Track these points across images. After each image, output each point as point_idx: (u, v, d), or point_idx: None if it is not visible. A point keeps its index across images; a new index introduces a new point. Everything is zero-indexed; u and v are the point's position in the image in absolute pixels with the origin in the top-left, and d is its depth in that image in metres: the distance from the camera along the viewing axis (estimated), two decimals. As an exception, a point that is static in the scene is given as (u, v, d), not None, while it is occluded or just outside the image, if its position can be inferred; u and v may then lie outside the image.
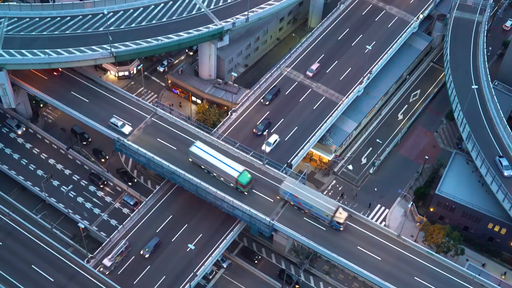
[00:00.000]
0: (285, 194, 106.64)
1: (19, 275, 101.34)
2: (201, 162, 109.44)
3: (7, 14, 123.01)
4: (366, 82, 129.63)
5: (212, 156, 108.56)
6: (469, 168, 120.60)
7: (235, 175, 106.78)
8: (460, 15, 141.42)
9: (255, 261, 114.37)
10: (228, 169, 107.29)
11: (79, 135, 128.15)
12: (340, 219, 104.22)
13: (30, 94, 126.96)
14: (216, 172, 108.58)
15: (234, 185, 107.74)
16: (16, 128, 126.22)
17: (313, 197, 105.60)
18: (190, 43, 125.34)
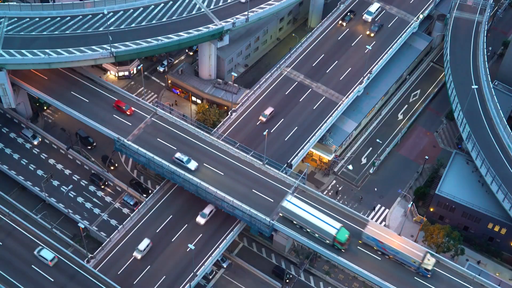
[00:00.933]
0: (368, 239, 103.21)
1: (19, 275, 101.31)
2: (294, 217, 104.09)
3: (7, 14, 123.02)
4: (366, 82, 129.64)
5: (306, 212, 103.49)
6: (469, 168, 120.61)
7: (333, 232, 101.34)
8: (460, 15, 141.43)
9: (286, 280, 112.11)
10: (324, 226, 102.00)
11: (83, 139, 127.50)
12: (429, 266, 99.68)
13: (33, 96, 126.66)
14: (311, 229, 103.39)
15: (330, 242, 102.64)
16: (32, 139, 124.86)
17: (399, 242, 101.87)
18: (190, 43, 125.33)
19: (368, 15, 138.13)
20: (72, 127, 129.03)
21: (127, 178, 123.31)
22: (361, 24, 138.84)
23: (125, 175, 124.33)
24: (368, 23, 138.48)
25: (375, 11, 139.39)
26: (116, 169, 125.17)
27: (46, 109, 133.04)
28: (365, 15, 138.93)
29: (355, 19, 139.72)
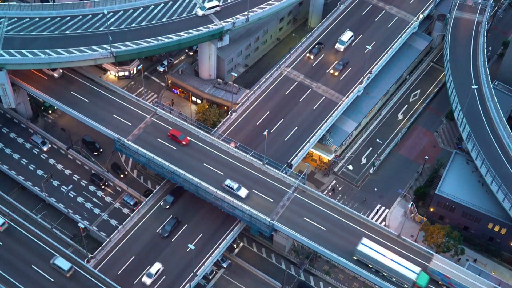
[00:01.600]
0: (434, 274, 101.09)
1: (19, 275, 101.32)
2: (370, 261, 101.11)
3: (7, 14, 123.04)
4: (366, 82, 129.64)
5: (383, 256, 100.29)
6: (469, 168, 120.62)
7: (413, 277, 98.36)
8: (460, 15, 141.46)
9: None
10: (403, 270, 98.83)
11: (89, 145, 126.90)
12: None
13: (38, 99, 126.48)
14: (388, 273, 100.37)
15: (409, 287, 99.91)
16: (41, 145, 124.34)
17: (467, 277, 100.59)
18: (190, 43, 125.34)
19: (341, 44, 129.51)
20: (77, 132, 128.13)
21: (141, 188, 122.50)
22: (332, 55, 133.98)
23: (137, 184, 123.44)
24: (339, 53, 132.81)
25: (347, 40, 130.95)
26: (126, 176, 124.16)
27: (51, 113, 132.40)
28: (337, 44, 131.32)
29: (325, 50, 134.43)
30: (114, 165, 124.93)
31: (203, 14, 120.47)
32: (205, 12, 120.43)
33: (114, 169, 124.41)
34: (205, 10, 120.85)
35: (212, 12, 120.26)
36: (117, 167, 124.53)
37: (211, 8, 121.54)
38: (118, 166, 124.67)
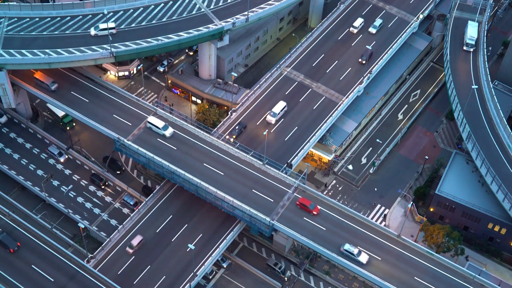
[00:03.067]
0: None
1: (19, 275, 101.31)
2: None
3: (7, 14, 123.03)
4: (366, 82, 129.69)
5: None
6: (469, 168, 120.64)
7: None
8: (460, 15, 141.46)
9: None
10: None
11: (111, 163, 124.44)
12: None
13: (58, 115, 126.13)
14: None
15: None
16: (58, 156, 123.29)
17: None
18: (190, 43, 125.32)
19: (273, 116, 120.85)
20: (98, 150, 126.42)
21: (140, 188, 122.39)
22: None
23: (137, 184, 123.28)
24: None
25: (279, 112, 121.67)
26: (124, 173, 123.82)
27: (69, 129, 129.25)
28: (269, 117, 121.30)
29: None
30: (146, 188, 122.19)
31: (95, 34, 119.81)
32: (97, 33, 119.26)
33: (145, 192, 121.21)
34: (98, 31, 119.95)
35: (105, 34, 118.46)
36: (148, 189, 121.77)
37: (104, 30, 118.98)
38: (150, 189, 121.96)
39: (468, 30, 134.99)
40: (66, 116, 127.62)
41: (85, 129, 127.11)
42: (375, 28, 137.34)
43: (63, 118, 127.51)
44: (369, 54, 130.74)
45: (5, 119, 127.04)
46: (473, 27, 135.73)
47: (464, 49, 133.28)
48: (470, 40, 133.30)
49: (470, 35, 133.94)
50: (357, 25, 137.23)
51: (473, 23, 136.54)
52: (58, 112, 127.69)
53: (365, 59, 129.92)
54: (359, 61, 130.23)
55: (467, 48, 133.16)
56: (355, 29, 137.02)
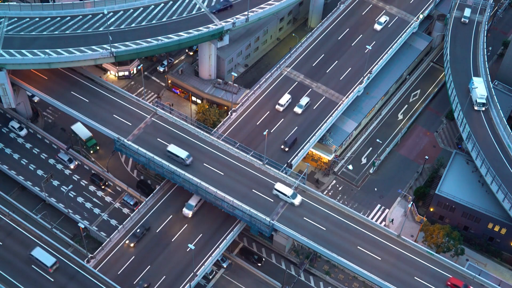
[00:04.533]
0: None
1: (19, 275, 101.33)
2: None
3: (7, 14, 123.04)
4: (366, 82, 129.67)
5: None
6: (469, 168, 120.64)
7: None
8: (460, 15, 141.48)
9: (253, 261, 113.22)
10: None
11: (145, 186, 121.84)
12: None
13: (82, 139, 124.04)
14: None
15: None
16: (68, 163, 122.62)
17: None
18: (190, 43, 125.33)
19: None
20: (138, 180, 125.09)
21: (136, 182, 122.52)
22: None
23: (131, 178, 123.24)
24: None
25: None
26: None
27: (92, 153, 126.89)
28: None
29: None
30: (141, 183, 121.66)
31: None
32: None
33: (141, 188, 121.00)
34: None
35: None
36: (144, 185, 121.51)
37: None
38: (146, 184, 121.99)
39: (476, 90, 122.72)
40: (90, 139, 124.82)
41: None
42: (380, 24, 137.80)
43: (87, 142, 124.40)
44: (292, 140, 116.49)
45: (25, 132, 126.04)
46: (480, 84, 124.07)
47: (476, 109, 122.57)
48: (480, 99, 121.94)
49: (480, 94, 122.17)
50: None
51: (478, 80, 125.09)
52: (82, 134, 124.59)
53: (287, 146, 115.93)
54: (282, 148, 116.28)
55: (479, 107, 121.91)
56: (380, 26, 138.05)
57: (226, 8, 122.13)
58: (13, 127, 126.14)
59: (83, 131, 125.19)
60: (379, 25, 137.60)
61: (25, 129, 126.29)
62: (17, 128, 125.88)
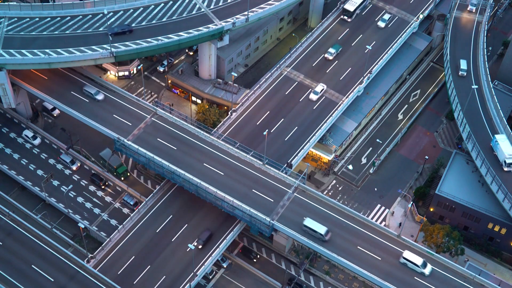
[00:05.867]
0: None
1: (19, 275, 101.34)
2: None
3: (7, 14, 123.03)
4: (366, 82, 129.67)
5: None
6: (469, 168, 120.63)
7: None
8: (460, 15, 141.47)
9: None
10: None
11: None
12: None
13: (111, 165, 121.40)
14: None
15: None
16: (70, 164, 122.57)
17: None
18: (190, 43, 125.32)
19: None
20: None
21: (141, 188, 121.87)
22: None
23: (137, 185, 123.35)
24: None
25: None
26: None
27: (123, 180, 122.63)
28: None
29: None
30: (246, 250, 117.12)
31: None
32: None
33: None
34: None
35: None
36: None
37: None
38: None
39: (502, 148, 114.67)
40: (120, 166, 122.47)
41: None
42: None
43: (118, 169, 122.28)
44: (206, 236, 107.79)
45: (39, 141, 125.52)
46: (504, 142, 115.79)
47: (506, 170, 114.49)
48: (509, 159, 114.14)
49: (508, 154, 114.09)
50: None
51: (501, 137, 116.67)
52: (112, 161, 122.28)
53: (201, 243, 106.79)
54: (195, 245, 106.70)
55: (509, 168, 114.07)
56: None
57: (124, 32, 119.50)
58: (26, 136, 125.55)
59: (114, 158, 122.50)
60: (382, 22, 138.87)
61: (38, 138, 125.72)
62: (31, 137, 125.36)
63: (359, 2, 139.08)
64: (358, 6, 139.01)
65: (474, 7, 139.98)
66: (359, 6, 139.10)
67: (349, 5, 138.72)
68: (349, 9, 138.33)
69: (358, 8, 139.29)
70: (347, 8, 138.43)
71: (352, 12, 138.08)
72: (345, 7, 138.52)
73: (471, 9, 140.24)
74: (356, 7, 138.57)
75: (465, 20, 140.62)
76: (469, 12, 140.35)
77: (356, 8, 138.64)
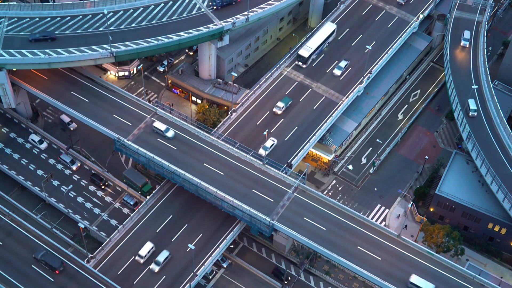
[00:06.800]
0: None
1: (19, 275, 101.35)
2: None
3: (7, 14, 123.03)
4: (366, 82, 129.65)
5: None
6: (469, 168, 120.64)
7: None
8: (460, 15, 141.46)
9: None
10: None
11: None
12: None
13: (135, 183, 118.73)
14: None
15: None
16: (70, 164, 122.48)
17: None
18: (190, 43, 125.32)
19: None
20: None
21: None
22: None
23: None
24: None
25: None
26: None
27: (148, 198, 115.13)
28: None
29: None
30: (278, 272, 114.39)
31: None
32: None
33: None
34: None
35: None
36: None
37: None
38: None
39: None
40: (145, 184, 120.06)
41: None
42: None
43: (143, 187, 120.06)
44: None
45: (45, 146, 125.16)
46: None
47: None
48: None
49: None
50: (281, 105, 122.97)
51: None
52: (137, 180, 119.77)
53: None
54: None
55: None
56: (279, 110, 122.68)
57: (46, 39, 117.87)
58: (33, 140, 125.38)
59: (137, 176, 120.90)
60: (338, 70, 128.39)
61: (45, 143, 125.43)
62: (37, 141, 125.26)
63: (314, 47, 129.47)
64: (314, 51, 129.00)
65: (467, 42, 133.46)
66: (315, 51, 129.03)
67: (303, 50, 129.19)
68: (304, 55, 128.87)
69: (314, 53, 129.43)
70: (301, 54, 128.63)
71: (307, 58, 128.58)
72: (299, 52, 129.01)
73: (464, 45, 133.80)
74: (312, 52, 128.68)
75: (465, 20, 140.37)
76: (462, 47, 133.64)
77: (312, 53, 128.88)
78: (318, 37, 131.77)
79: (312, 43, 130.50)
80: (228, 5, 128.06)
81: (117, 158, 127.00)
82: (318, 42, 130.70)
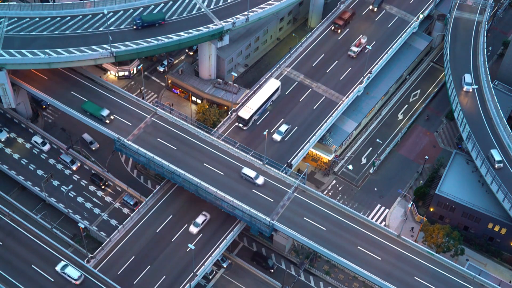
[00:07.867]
0: None
1: (19, 275, 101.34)
2: None
3: (7, 14, 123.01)
4: (366, 82, 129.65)
5: None
6: (469, 168, 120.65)
7: None
8: (460, 15, 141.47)
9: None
10: None
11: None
12: None
13: None
14: None
15: None
16: (70, 164, 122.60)
17: None
18: (190, 43, 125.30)
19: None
20: None
21: (141, 188, 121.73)
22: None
23: (137, 184, 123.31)
24: None
25: None
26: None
27: None
28: None
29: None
30: None
31: None
32: None
33: None
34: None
35: None
36: None
37: None
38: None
39: None
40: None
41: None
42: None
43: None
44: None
45: (48, 147, 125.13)
46: None
47: None
48: None
49: None
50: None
51: None
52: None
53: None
54: None
55: None
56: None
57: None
58: (36, 142, 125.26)
59: None
60: (278, 135, 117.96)
61: (48, 144, 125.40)
62: (40, 143, 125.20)
63: (256, 107, 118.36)
64: (256, 111, 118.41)
65: (470, 86, 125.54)
66: (256, 111, 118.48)
67: (244, 111, 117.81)
68: (244, 116, 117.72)
69: (256, 114, 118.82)
70: (241, 116, 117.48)
71: (247, 120, 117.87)
72: (239, 114, 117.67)
73: (467, 89, 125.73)
74: (253, 113, 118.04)
75: (465, 20, 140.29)
76: (465, 92, 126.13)
77: (253, 114, 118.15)
78: (260, 96, 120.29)
79: (253, 103, 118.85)
80: (149, 26, 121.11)
81: (117, 158, 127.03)
82: (261, 102, 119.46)
